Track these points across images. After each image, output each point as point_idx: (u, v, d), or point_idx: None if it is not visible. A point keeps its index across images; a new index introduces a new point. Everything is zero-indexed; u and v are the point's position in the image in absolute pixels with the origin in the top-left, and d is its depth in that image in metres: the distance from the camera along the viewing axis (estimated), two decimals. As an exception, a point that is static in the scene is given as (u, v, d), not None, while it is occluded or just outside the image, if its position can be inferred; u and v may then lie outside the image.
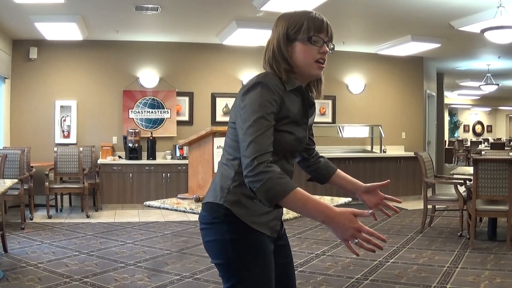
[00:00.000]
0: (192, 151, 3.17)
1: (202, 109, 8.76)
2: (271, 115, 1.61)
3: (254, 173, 1.53)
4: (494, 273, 4.30)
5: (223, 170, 1.74)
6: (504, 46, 7.96)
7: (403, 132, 9.78)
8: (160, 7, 6.24)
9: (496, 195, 5.13)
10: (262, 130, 1.57)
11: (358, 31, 7.82)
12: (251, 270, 1.69)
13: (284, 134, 1.67)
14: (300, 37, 1.69)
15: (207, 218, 1.74)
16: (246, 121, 1.59)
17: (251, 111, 1.59)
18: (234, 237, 1.68)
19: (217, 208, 1.70)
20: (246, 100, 1.62)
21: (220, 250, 1.71)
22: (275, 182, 1.51)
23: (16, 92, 8.09)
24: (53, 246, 5.29)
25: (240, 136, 1.61)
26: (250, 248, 1.70)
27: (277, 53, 1.70)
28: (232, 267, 1.70)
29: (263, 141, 1.56)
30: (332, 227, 1.52)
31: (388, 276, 4.27)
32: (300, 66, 1.71)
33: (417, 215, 7.23)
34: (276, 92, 1.63)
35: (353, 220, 1.50)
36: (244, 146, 1.58)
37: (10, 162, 6.10)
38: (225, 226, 1.69)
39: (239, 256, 1.69)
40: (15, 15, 6.50)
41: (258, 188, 1.52)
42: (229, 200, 1.68)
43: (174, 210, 2.89)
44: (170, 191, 7.65)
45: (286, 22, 1.71)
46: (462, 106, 21.67)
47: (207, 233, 1.75)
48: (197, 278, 4.23)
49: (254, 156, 1.54)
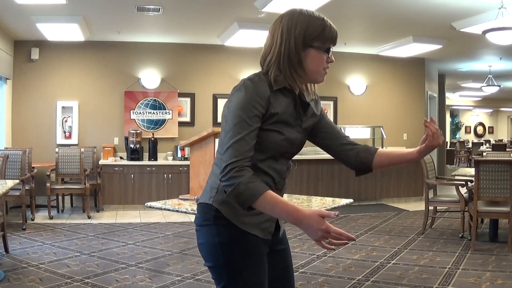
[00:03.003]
0: (193, 152, 3.17)
1: (203, 110, 8.77)
2: (254, 118, 1.59)
3: (226, 178, 1.54)
4: (496, 275, 4.29)
5: (214, 170, 1.73)
6: (505, 47, 7.96)
7: (404, 133, 9.77)
8: (162, 8, 6.25)
9: (498, 197, 5.12)
10: (241, 135, 1.56)
11: (360, 32, 7.82)
12: (241, 274, 1.67)
13: (271, 133, 1.65)
14: (316, 45, 1.67)
15: (199, 220, 1.74)
16: (227, 125, 1.59)
17: (233, 115, 1.59)
18: (223, 241, 1.67)
19: (208, 210, 1.70)
20: (231, 102, 1.62)
21: (210, 253, 1.70)
22: (245, 186, 1.52)
23: (18, 92, 8.10)
24: (55, 247, 5.29)
25: (220, 139, 1.62)
26: (239, 252, 1.67)
27: (294, 56, 1.66)
28: (221, 271, 1.69)
29: (240, 146, 1.56)
30: (302, 229, 1.53)
31: (389, 277, 4.27)
32: (309, 72, 1.69)
33: (419, 216, 7.23)
34: (260, 94, 1.61)
35: (320, 222, 1.49)
36: (222, 150, 1.59)
37: (11, 163, 6.10)
38: (214, 228, 1.68)
39: (228, 260, 1.67)
40: (16, 15, 6.51)
41: (229, 192, 1.54)
42: (218, 199, 1.67)
43: (175, 211, 2.89)
44: (171, 192, 7.66)
45: (304, 25, 1.66)
46: (463, 107, 21.65)
47: (199, 235, 1.74)
48: (198, 279, 4.23)
49: (229, 162, 1.54)
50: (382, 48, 8.85)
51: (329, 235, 1.50)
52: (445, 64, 10.90)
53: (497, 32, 5.78)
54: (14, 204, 7.21)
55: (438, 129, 1.72)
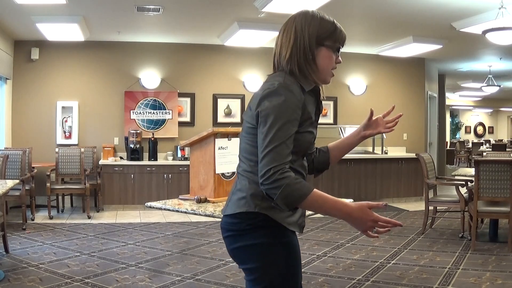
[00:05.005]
0: (193, 152, 3.17)
1: (203, 110, 8.77)
2: (293, 122, 1.64)
3: (270, 181, 1.57)
4: (496, 275, 4.29)
5: (249, 177, 1.73)
6: (505, 47, 7.96)
7: (404, 134, 9.77)
8: (162, 8, 6.25)
9: (498, 197, 5.12)
10: (282, 139, 1.60)
11: (360, 32, 7.82)
12: (288, 270, 1.74)
13: (306, 135, 1.72)
14: (328, 44, 1.75)
15: (239, 225, 1.73)
16: (267, 129, 1.61)
17: (273, 118, 1.61)
18: (270, 241, 1.71)
19: (252, 215, 1.71)
20: (268, 106, 1.63)
21: (255, 254, 1.72)
22: (293, 188, 1.56)
23: (18, 92, 8.10)
24: (55, 247, 5.29)
25: (260, 142, 1.63)
26: (284, 249, 1.73)
27: (308, 52, 1.73)
28: (267, 269, 1.72)
29: (282, 151, 1.59)
30: (351, 222, 1.63)
31: (389, 277, 4.27)
32: (320, 71, 1.77)
33: (419, 216, 7.23)
34: (300, 97, 1.67)
35: (369, 213, 1.59)
36: (262, 154, 1.60)
37: (11, 163, 6.10)
38: (261, 231, 1.71)
39: (275, 257, 1.72)
40: (16, 15, 6.51)
41: (278, 195, 1.57)
42: (264, 206, 1.69)
43: (175, 211, 2.89)
44: (171, 192, 7.66)
45: (317, 24, 1.74)
46: (463, 107, 21.65)
47: (238, 239, 1.75)
48: (198, 279, 4.23)
49: (272, 166, 1.57)
50: (382, 48, 8.85)
51: (377, 224, 1.60)
52: (445, 64, 10.90)
53: (497, 32, 5.78)
54: (14, 204, 7.21)
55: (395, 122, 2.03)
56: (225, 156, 3.08)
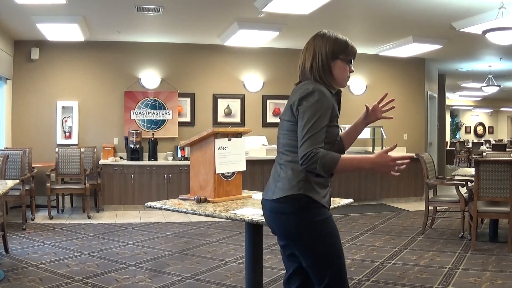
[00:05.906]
0: (193, 152, 3.17)
1: (203, 110, 8.77)
2: (326, 117, 2.09)
3: (308, 159, 2.02)
4: (496, 275, 4.29)
5: (293, 166, 2.15)
6: (505, 47, 7.96)
7: (404, 134, 9.77)
8: (162, 8, 6.24)
9: (498, 197, 5.12)
10: (317, 130, 2.05)
11: (360, 32, 7.82)
12: (334, 240, 2.17)
13: (334, 128, 2.18)
14: (342, 57, 2.22)
15: (288, 208, 2.13)
16: (305, 122, 2.06)
17: (310, 114, 2.07)
18: (317, 219, 2.13)
19: (298, 198, 2.12)
20: (306, 104, 2.08)
21: (305, 231, 2.12)
22: (326, 158, 2.02)
23: (18, 92, 8.10)
24: (54, 247, 5.29)
25: (299, 133, 2.09)
26: (328, 224, 2.16)
27: (325, 65, 2.20)
28: (316, 242, 2.13)
29: (316, 138, 2.05)
30: (377, 168, 2.06)
31: (389, 277, 4.27)
32: (336, 79, 2.24)
33: (419, 216, 7.23)
34: (330, 98, 2.14)
35: (387, 156, 2.04)
36: (301, 141, 2.06)
37: (11, 163, 6.10)
38: (307, 211, 2.12)
39: (323, 232, 2.14)
40: (16, 15, 6.51)
41: (318, 167, 2.02)
42: (307, 188, 2.12)
43: (175, 211, 2.89)
44: (171, 192, 7.66)
45: (332, 42, 2.21)
46: (463, 107, 21.65)
47: (287, 220, 2.14)
48: (198, 279, 4.23)
49: (310, 150, 2.03)
50: (382, 48, 8.85)
51: (396, 162, 2.03)
52: (445, 64, 10.90)
53: (497, 32, 5.78)
54: (14, 204, 7.21)
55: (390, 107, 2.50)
56: (225, 156, 3.08)
